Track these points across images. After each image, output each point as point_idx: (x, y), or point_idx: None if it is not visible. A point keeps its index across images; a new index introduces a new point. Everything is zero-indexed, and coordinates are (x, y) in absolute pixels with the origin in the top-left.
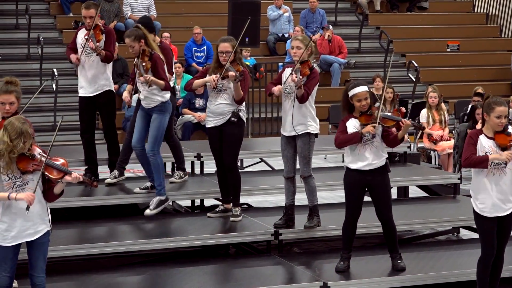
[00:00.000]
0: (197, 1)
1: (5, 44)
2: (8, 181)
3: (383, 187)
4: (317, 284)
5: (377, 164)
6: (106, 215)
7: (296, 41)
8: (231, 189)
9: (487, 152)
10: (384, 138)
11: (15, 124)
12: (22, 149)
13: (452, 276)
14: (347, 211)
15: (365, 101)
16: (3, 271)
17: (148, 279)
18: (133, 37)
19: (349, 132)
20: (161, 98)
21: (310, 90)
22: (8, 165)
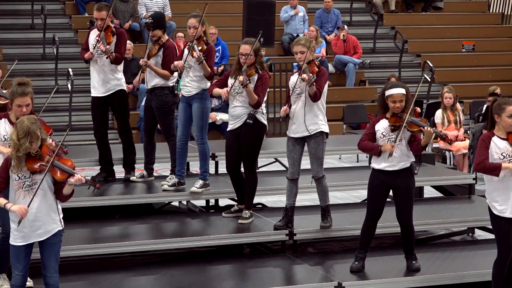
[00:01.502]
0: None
1: (20, 44)
2: (18, 181)
3: (406, 189)
4: (331, 284)
5: (401, 166)
6: (121, 214)
7: (298, 47)
8: (245, 191)
9: (502, 153)
10: (410, 143)
11: (24, 123)
12: (28, 149)
13: (467, 276)
14: (368, 211)
15: (399, 103)
16: (16, 270)
17: (162, 279)
18: (199, 18)
19: (377, 133)
20: (203, 85)
21: (322, 87)
22: (18, 164)
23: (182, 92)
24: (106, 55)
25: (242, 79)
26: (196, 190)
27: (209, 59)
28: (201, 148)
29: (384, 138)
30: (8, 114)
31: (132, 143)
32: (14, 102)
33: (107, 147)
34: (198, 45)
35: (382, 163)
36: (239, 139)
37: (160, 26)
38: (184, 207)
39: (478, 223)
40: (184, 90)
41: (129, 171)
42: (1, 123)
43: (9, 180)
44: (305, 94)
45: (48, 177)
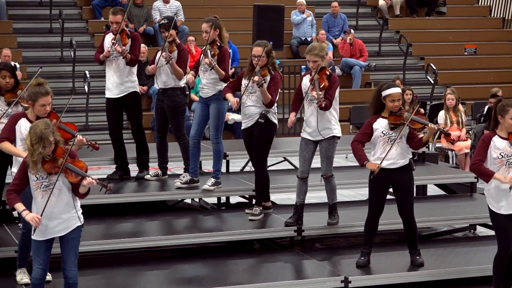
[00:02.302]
0: (223, 6)
1: (39, 47)
2: (36, 181)
3: (406, 185)
4: (338, 279)
5: (401, 163)
6: (135, 211)
7: (310, 55)
8: (255, 188)
9: (501, 153)
10: (409, 140)
11: (38, 128)
12: (42, 154)
13: (469, 271)
14: (370, 208)
15: (398, 102)
16: (36, 263)
17: (175, 274)
18: (211, 23)
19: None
20: (219, 87)
21: (332, 97)
22: (33, 167)
23: (200, 93)
24: (122, 55)
25: (258, 79)
26: (208, 188)
27: (222, 63)
28: (216, 147)
29: (384, 136)
30: (26, 114)
31: (145, 143)
32: (37, 102)
33: (122, 147)
34: (211, 49)
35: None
36: (252, 137)
37: (176, 27)
38: (196, 204)
39: (479, 220)
40: (201, 92)
41: (143, 169)
42: (21, 122)
43: (28, 180)
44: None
45: (63, 177)
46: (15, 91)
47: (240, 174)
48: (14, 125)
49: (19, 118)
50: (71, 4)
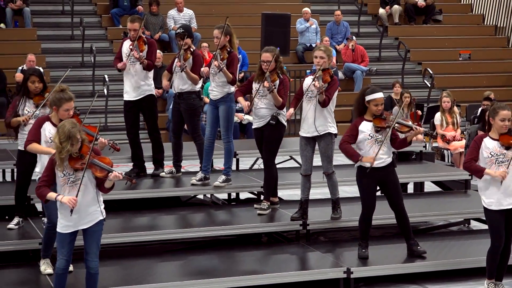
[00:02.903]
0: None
1: (61, 53)
2: (63, 177)
3: (394, 180)
4: (341, 270)
5: (387, 162)
6: (151, 206)
7: (319, 51)
8: (264, 184)
9: (491, 152)
10: (391, 141)
11: (66, 127)
12: (70, 151)
13: (464, 263)
14: (363, 206)
15: (381, 106)
16: (61, 255)
17: (189, 265)
18: (222, 30)
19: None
20: (227, 90)
21: (331, 96)
22: (61, 164)
23: (210, 96)
24: (140, 61)
25: (268, 85)
26: (219, 185)
27: (230, 66)
28: (227, 146)
29: (371, 139)
30: (50, 118)
31: (160, 143)
32: (61, 107)
33: (139, 146)
34: (221, 54)
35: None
36: (263, 137)
37: (191, 35)
38: (208, 200)
39: (473, 215)
40: (211, 94)
41: (158, 167)
42: (46, 126)
43: (55, 177)
44: (316, 99)
45: (88, 173)
46: (43, 94)
47: (249, 172)
48: (39, 128)
49: (44, 122)
50: (91, 13)
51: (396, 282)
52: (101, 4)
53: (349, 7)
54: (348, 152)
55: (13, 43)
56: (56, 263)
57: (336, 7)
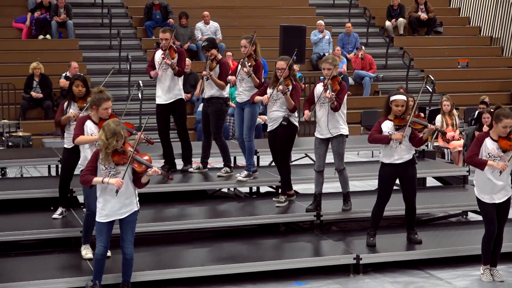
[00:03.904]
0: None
1: (101, 61)
2: (105, 170)
3: (411, 177)
4: (351, 256)
5: (406, 158)
6: (180, 198)
7: (326, 64)
8: (281, 179)
9: (489, 153)
10: (411, 140)
11: (111, 125)
12: (115, 146)
13: (462, 250)
14: (378, 197)
15: (401, 107)
16: (99, 242)
17: (215, 251)
18: (250, 40)
19: (383, 132)
20: (252, 93)
21: (342, 101)
22: (105, 158)
23: (237, 99)
24: (171, 67)
25: (282, 88)
26: (241, 179)
27: (257, 72)
28: (248, 145)
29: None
30: (90, 116)
31: (188, 141)
32: (101, 106)
33: (169, 145)
34: (248, 61)
35: (391, 157)
36: (276, 137)
37: (215, 47)
38: (231, 193)
39: (470, 207)
40: (238, 98)
41: (187, 164)
42: (87, 123)
43: (97, 169)
44: (328, 105)
45: (129, 168)
46: (85, 98)
47: (268, 168)
48: (83, 125)
49: (86, 120)
50: (127, 25)
51: (400, 268)
52: (136, 17)
53: (359, 20)
54: (377, 138)
55: (58, 52)
56: (95, 249)
57: (347, 20)
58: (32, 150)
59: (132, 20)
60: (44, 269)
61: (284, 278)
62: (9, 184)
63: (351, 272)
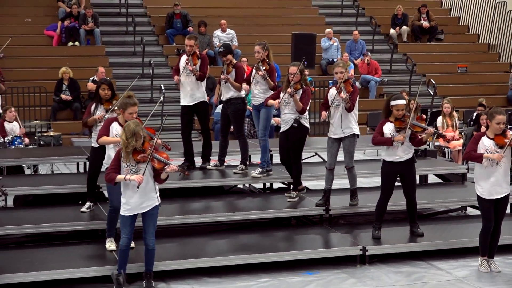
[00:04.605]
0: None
1: (125, 66)
2: (126, 168)
3: (411, 174)
4: (357, 248)
5: (406, 157)
6: (199, 194)
7: (338, 68)
8: (293, 176)
9: (487, 149)
10: (411, 140)
11: (131, 126)
12: (134, 146)
13: (461, 243)
14: (382, 192)
15: (401, 111)
16: (124, 234)
17: (231, 242)
18: (263, 46)
19: (385, 134)
20: (267, 95)
21: (354, 101)
22: (126, 156)
23: (253, 101)
24: (193, 73)
25: (290, 91)
26: (256, 176)
27: (271, 75)
28: (263, 143)
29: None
30: (118, 118)
31: (210, 141)
32: (127, 110)
33: (190, 144)
34: (262, 65)
35: (392, 156)
36: (288, 138)
37: (230, 52)
38: (246, 189)
39: (469, 203)
40: (253, 100)
41: (205, 161)
42: (114, 125)
43: (120, 167)
44: (342, 106)
45: (149, 165)
46: (111, 101)
47: (280, 166)
48: (108, 126)
49: (112, 122)
50: (150, 33)
51: (403, 259)
52: (158, 25)
53: (365, 28)
54: (381, 141)
55: (85, 58)
56: (120, 240)
57: (354, 28)
58: (62, 148)
59: (154, 28)
60: (73, 259)
61: (295, 268)
62: (41, 180)
63: (358, 262)
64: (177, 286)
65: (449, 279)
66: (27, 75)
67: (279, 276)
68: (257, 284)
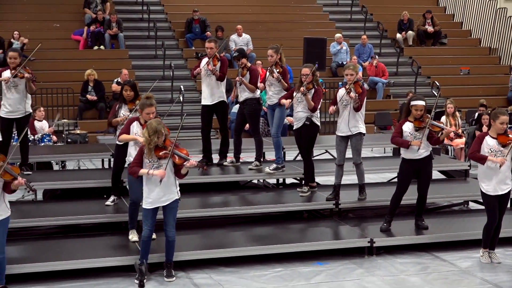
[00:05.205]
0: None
1: (147, 68)
2: (149, 164)
3: (428, 170)
4: (365, 240)
5: (424, 155)
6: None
7: (349, 70)
8: (304, 172)
9: (491, 149)
10: (429, 139)
11: (153, 124)
12: (156, 143)
13: (464, 235)
14: (398, 188)
15: (420, 111)
16: (145, 226)
17: (247, 234)
18: (275, 49)
19: (404, 132)
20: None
21: (362, 102)
22: (149, 153)
23: (268, 102)
24: (212, 73)
25: (303, 90)
26: (270, 171)
27: (284, 77)
28: (276, 141)
29: (411, 136)
30: (139, 118)
31: (227, 138)
32: (144, 110)
33: (209, 141)
34: (276, 68)
35: (410, 154)
36: (300, 135)
37: (244, 56)
38: (261, 184)
39: (471, 198)
40: (269, 101)
41: (222, 158)
42: (134, 124)
43: (143, 163)
44: (350, 106)
45: (170, 161)
46: (134, 101)
47: (293, 162)
48: (129, 125)
49: (133, 121)
50: (170, 37)
51: (409, 250)
52: (178, 30)
53: (373, 33)
54: (398, 142)
55: (110, 61)
56: (142, 232)
57: (362, 33)
58: (88, 145)
59: (174, 33)
60: (98, 249)
61: (306, 259)
62: (68, 175)
63: (366, 253)
64: (195, 275)
65: (453, 270)
66: (55, 77)
67: (291, 266)
68: (270, 273)
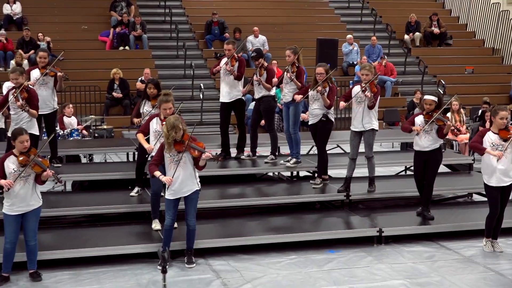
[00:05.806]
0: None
1: (169, 68)
2: (169, 158)
3: (435, 161)
4: (375, 229)
5: (432, 147)
6: (234, 180)
7: (364, 70)
8: (318, 165)
9: (492, 143)
10: (438, 132)
11: (171, 120)
12: (174, 137)
13: (467, 226)
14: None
15: (429, 106)
16: (168, 215)
17: (263, 223)
18: (292, 50)
19: (416, 123)
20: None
21: (376, 100)
22: (168, 147)
23: (283, 99)
24: (230, 73)
25: (321, 89)
26: (290, 166)
27: (299, 77)
28: (294, 137)
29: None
30: (159, 114)
31: (245, 134)
32: (161, 106)
33: (227, 136)
34: (291, 68)
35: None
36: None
37: (261, 56)
38: (276, 177)
39: (475, 190)
40: (284, 98)
41: (240, 152)
42: (154, 120)
43: (163, 158)
44: (364, 103)
45: (187, 154)
46: (157, 98)
47: (306, 156)
48: (149, 122)
49: (154, 117)
50: (191, 38)
51: (416, 239)
52: (198, 32)
53: (382, 34)
54: (403, 127)
55: (134, 60)
56: (164, 221)
57: (372, 34)
58: (114, 140)
59: (195, 34)
60: (123, 237)
61: (319, 247)
62: (96, 167)
63: (375, 242)
64: (214, 262)
65: (457, 258)
66: (83, 76)
67: (305, 254)
68: (285, 261)
